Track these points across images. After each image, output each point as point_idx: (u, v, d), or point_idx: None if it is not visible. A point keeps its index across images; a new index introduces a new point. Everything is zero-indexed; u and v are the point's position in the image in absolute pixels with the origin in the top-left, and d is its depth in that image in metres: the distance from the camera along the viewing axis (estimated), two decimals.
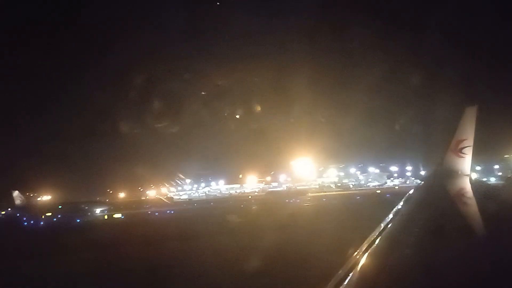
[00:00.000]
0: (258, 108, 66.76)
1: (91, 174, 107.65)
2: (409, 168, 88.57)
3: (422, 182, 11.44)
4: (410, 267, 3.31)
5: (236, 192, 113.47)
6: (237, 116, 65.78)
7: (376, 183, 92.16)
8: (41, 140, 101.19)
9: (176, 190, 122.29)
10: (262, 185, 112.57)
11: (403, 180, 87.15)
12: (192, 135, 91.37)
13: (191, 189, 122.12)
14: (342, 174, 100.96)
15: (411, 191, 8.10)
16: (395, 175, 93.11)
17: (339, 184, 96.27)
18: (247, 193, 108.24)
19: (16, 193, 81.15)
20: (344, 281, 3.01)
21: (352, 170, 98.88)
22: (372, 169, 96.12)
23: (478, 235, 4.24)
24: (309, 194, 75.46)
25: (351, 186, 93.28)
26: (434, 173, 11.05)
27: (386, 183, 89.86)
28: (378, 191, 71.14)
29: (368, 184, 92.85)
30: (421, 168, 66.67)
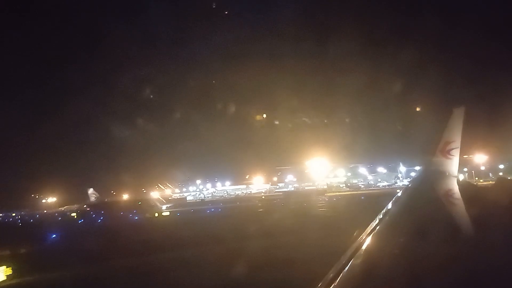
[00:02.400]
0: (265, 108, 66.81)
1: (93, 176, 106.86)
2: (417, 168, 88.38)
3: (409, 184, 11.43)
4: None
5: (242, 193, 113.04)
6: (244, 116, 65.77)
7: (385, 183, 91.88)
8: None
9: (181, 191, 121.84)
10: (268, 186, 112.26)
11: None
12: (197, 136, 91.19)
13: (196, 190, 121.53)
14: (349, 174, 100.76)
15: (399, 193, 8.14)
16: (404, 175, 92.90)
17: (349, 184, 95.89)
18: (254, 193, 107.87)
19: (91, 190, 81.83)
20: None
21: (361, 170, 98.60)
22: (381, 169, 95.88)
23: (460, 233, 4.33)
24: (328, 194, 75.06)
25: (362, 186, 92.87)
26: (422, 174, 11.14)
27: (396, 183, 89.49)
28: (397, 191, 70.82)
29: (378, 184, 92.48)
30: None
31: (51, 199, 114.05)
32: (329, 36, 48.32)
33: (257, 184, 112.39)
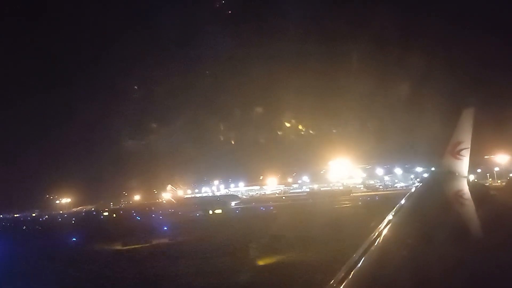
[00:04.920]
0: (280, 111, 67.95)
1: (105, 178, 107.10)
2: (433, 169, 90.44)
3: (420, 185, 11.64)
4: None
5: (256, 193, 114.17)
6: (259, 119, 66.99)
7: (402, 184, 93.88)
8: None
9: (193, 191, 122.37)
10: (283, 187, 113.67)
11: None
12: (210, 137, 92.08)
13: (209, 191, 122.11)
14: (365, 175, 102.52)
15: (409, 193, 8.30)
16: (420, 176, 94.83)
17: (366, 185, 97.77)
18: (269, 194, 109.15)
19: (169, 187, 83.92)
20: None
21: (378, 171, 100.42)
22: (397, 170, 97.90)
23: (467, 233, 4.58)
24: (352, 195, 77.13)
25: (380, 187, 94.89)
26: (433, 175, 11.39)
27: (414, 183, 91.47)
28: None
29: (395, 185, 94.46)
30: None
31: (65, 200, 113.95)
32: (344, 41, 49.46)
33: (271, 185, 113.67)
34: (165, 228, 40.09)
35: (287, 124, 73.18)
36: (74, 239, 36.99)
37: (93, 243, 32.40)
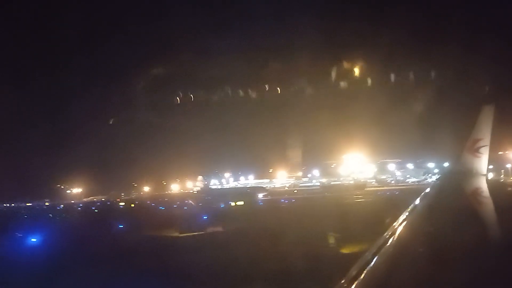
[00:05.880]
0: (290, 103, 67.79)
1: (114, 169, 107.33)
2: (446, 164, 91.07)
3: (437, 181, 11.18)
4: None
5: (266, 187, 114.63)
6: (268, 111, 66.94)
7: (414, 179, 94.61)
8: None
9: (203, 184, 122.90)
10: (292, 180, 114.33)
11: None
12: (219, 130, 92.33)
13: (219, 184, 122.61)
14: (376, 170, 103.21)
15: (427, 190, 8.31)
16: (432, 171, 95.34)
17: (378, 180, 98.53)
18: (278, 188, 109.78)
19: (200, 178, 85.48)
20: None
21: (390, 166, 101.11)
22: (409, 165, 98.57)
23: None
24: (367, 189, 78.00)
25: (392, 182, 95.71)
26: (449, 172, 11.08)
27: (426, 179, 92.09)
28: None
29: (407, 180, 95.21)
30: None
31: (76, 190, 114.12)
32: (359, 33, 49.46)
33: (281, 178, 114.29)
34: (205, 217, 40.70)
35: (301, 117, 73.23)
36: (121, 226, 37.53)
37: (145, 231, 32.74)
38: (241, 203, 62.29)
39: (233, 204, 61.83)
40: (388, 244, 3.79)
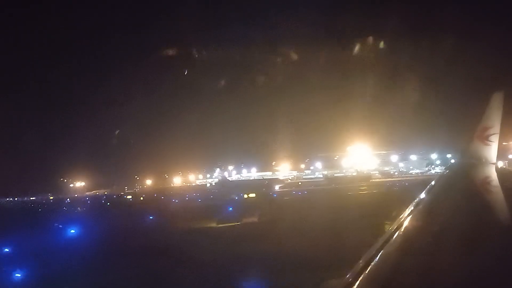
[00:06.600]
0: (293, 95, 67.82)
1: (116, 162, 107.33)
2: (449, 155, 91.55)
3: (447, 171, 11.15)
4: None
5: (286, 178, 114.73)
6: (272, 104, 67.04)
7: (417, 171, 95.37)
8: None
9: (205, 177, 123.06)
10: (295, 173, 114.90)
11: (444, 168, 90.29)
12: (223, 123, 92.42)
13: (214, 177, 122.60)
14: (380, 161, 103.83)
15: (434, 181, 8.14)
16: (435, 162, 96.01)
17: (381, 172, 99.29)
18: (281, 180, 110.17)
19: (218, 170, 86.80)
20: None
21: (393, 157, 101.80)
22: (413, 157, 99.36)
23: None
24: (373, 180, 78.86)
25: (396, 173, 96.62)
26: (459, 161, 11.07)
27: (430, 170, 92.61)
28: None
29: (410, 172, 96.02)
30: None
31: (79, 184, 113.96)
32: (366, 20, 49.43)
33: (284, 170, 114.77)
34: (230, 208, 41.17)
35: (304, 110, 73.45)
36: (151, 218, 37.87)
37: (180, 223, 33.02)
38: (253, 195, 62.79)
39: (246, 196, 62.18)
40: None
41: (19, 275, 17.95)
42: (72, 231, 30.49)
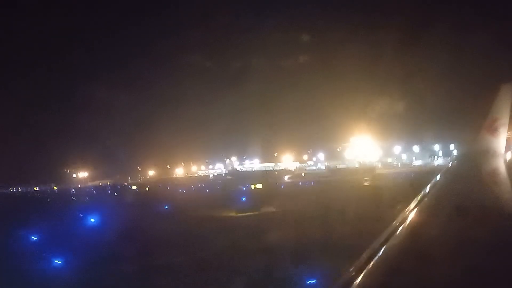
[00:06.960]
0: (297, 87, 67.62)
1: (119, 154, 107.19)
2: (452, 146, 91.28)
3: (455, 161, 11.38)
4: None
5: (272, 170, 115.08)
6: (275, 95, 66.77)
7: (420, 162, 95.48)
8: None
9: (207, 168, 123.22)
10: (298, 164, 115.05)
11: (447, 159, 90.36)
12: (226, 114, 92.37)
13: (224, 168, 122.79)
14: (381, 153, 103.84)
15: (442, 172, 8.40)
16: (437, 153, 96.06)
17: (384, 163, 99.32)
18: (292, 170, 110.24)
19: (228, 161, 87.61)
20: None
21: (396, 149, 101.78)
22: (415, 148, 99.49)
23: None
24: (377, 172, 78.92)
25: (398, 165, 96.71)
26: (467, 152, 11.15)
27: (433, 161, 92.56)
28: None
29: (413, 163, 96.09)
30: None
31: (82, 174, 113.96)
32: (376, 18, 49.40)
33: (286, 162, 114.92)
34: (243, 199, 41.38)
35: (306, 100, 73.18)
36: (167, 207, 38.01)
37: (197, 212, 33.18)
38: (260, 186, 62.76)
39: (253, 187, 62.11)
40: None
41: (59, 262, 18.13)
42: (92, 219, 30.62)
